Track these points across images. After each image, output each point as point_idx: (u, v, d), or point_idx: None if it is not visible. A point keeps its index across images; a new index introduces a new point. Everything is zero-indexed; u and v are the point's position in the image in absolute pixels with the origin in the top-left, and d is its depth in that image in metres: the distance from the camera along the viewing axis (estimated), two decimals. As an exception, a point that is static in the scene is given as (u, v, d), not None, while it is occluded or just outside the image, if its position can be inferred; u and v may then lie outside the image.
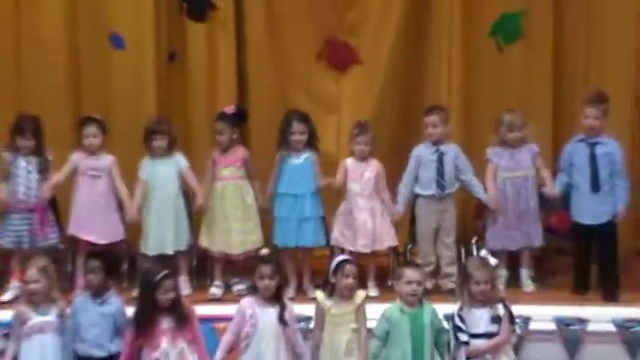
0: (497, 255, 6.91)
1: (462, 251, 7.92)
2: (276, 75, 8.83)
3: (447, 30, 8.63)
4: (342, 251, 7.35)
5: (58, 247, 7.90)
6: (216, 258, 7.99)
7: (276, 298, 6.60)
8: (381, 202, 7.92)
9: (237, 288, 7.88)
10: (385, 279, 7.92)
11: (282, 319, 6.53)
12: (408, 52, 8.78)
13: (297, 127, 7.86)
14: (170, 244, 7.83)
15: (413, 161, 7.94)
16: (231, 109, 8.17)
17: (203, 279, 8.10)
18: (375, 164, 7.90)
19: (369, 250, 7.84)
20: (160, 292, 6.41)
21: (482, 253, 6.78)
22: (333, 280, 6.60)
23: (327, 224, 8.03)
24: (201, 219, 8.03)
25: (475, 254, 6.96)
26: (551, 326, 7.35)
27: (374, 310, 6.66)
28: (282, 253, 7.72)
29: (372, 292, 7.64)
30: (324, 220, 7.99)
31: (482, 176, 7.98)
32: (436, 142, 7.91)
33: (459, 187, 7.96)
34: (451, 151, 7.92)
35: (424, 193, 7.88)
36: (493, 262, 6.66)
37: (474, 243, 7.86)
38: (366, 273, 7.74)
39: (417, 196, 7.95)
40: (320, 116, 8.42)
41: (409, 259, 7.98)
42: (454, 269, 7.74)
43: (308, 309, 6.91)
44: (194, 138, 8.68)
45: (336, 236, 7.87)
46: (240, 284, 7.86)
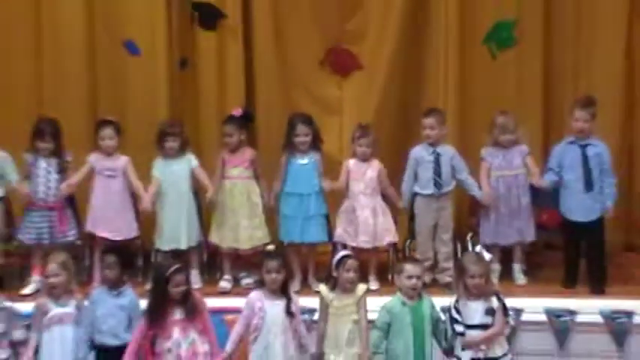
0: (490, 250, 6.90)
1: (457, 247, 7.92)
2: (282, 80, 8.83)
3: (444, 38, 8.64)
4: (345, 247, 7.35)
5: (76, 243, 7.94)
6: (226, 253, 8.01)
7: (283, 291, 6.59)
8: (388, 196, 7.97)
9: (246, 282, 7.90)
10: (385, 273, 7.92)
11: (289, 311, 6.53)
12: (406, 59, 8.79)
13: (302, 129, 7.88)
14: (184, 239, 7.86)
15: (411, 162, 7.95)
16: (239, 112, 8.20)
17: (213, 273, 8.12)
18: (377, 164, 7.91)
19: (370, 246, 7.85)
20: (172, 285, 6.41)
21: (478, 248, 6.74)
22: (335, 274, 6.58)
23: (329, 222, 8.02)
24: (211, 216, 8.04)
25: (470, 250, 6.93)
26: (542, 317, 7.38)
27: (374, 303, 6.64)
28: (287, 248, 7.73)
29: (373, 285, 7.64)
30: (327, 218, 8.00)
31: (476, 175, 7.99)
32: (433, 144, 7.91)
33: (455, 186, 7.97)
34: (447, 152, 7.93)
35: (423, 192, 7.88)
36: (487, 257, 6.63)
37: (469, 239, 7.88)
38: (367, 267, 7.73)
39: (415, 195, 7.94)
40: (323, 119, 8.44)
41: (408, 254, 7.95)
42: (451, 264, 7.76)
43: (312, 301, 6.91)
44: (204, 139, 8.68)
45: (340, 233, 7.86)
46: (248, 278, 7.87)
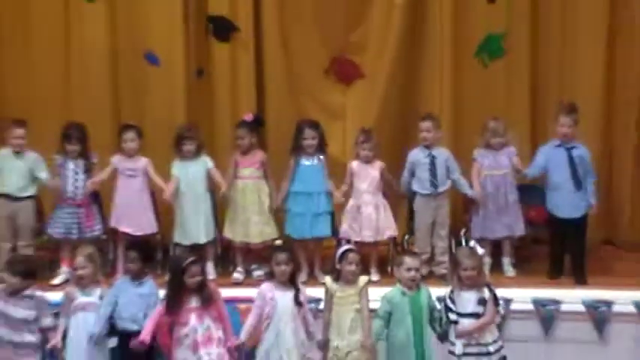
0: (481, 244, 6.88)
1: (452, 242, 7.87)
2: (290, 87, 8.81)
3: (439, 49, 8.64)
4: (348, 242, 7.26)
5: (101, 238, 7.95)
6: (238, 247, 8.01)
7: (291, 282, 6.61)
8: (391, 186, 8.00)
9: (257, 273, 7.93)
10: (385, 266, 7.92)
11: (297, 300, 6.54)
12: (405, 68, 8.77)
13: (309, 133, 7.90)
14: (202, 234, 7.85)
15: (408, 164, 7.96)
16: (250, 117, 8.21)
17: (227, 266, 8.12)
18: (378, 163, 7.92)
19: (373, 240, 7.86)
20: (188, 276, 6.42)
21: (472, 243, 6.75)
22: (338, 267, 6.60)
23: (334, 218, 8.02)
24: (225, 213, 8.04)
25: (463, 244, 6.96)
26: (530, 307, 7.41)
27: (375, 293, 6.64)
28: (294, 243, 7.70)
29: (374, 277, 7.63)
30: (332, 215, 8.00)
31: (467, 175, 8.00)
32: (429, 146, 7.92)
33: (450, 185, 7.97)
34: (442, 154, 7.93)
35: (421, 191, 7.89)
36: (480, 251, 6.67)
37: (462, 234, 7.82)
38: (369, 260, 7.74)
39: (415, 194, 7.94)
40: (328, 123, 8.41)
41: (407, 248, 7.94)
42: (446, 258, 7.77)
43: (318, 292, 6.91)
44: (218, 142, 8.63)
45: (346, 229, 7.83)
46: (259, 270, 7.91)
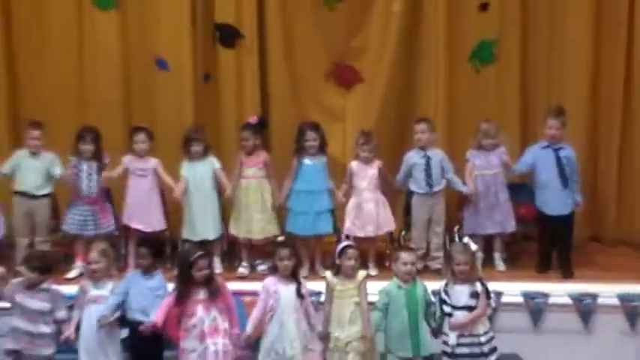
0: (473, 240, 6.83)
1: (446, 238, 7.89)
2: (293, 91, 8.80)
3: (434, 55, 8.64)
4: (347, 238, 7.29)
5: (114, 234, 7.96)
6: (243, 243, 8.02)
7: (293, 276, 6.63)
8: (388, 182, 7.98)
9: (261, 268, 7.93)
10: (383, 261, 7.96)
11: (299, 293, 6.56)
12: (402, 73, 8.77)
13: (311, 134, 7.89)
14: (211, 231, 7.88)
15: (405, 164, 7.95)
16: (255, 119, 8.21)
17: (232, 261, 8.12)
18: (376, 162, 7.90)
19: (375, 235, 7.87)
20: (195, 269, 6.45)
21: (465, 239, 6.75)
22: (338, 262, 6.62)
23: (335, 216, 8.03)
24: (230, 211, 8.03)
25: (457, 240, 6.98)
26: (519, 299, 7.44)
27: (374, 287, 6.67)
28: (296, 239, 7.60)
29: (372, 271, 7.65)
30: (333, 213, 8.00)
31: (460, 174, 8.00)
32: (424, 147, 7.91)
33: (445, 185, 7.96)
34: (437, 155, 7.92)
35: (418, 191, 7.88)
36: (474, 247, 6.66)
37: (456, 231, 7.88)
38: (367, 256, 7.74)
39: (412, 193, 7.93)
40: (329, 125, 8.39)
41: (403, 244, 7.96)
42: (441, 253, 7.80)
43: (319, 285, 6.93)
44: (224, 144, 8.63)
45: (349, 226, 7.80)
46: (263, 265, 7.90)
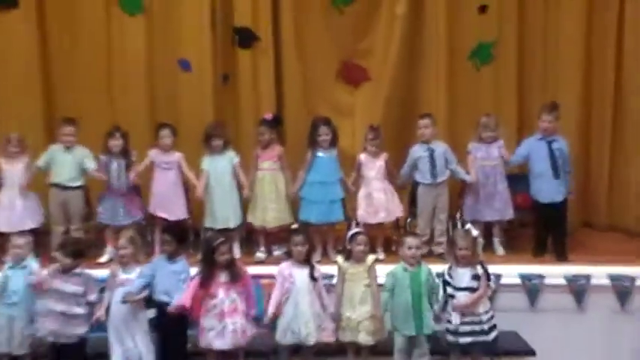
0: (474, 226, 6.89)
1: (449, 225, 7.92)
2: (305, 89, 8.84)
3: (436, 55, 8.69)
4: (357, 224, 7.26)
5: (141, 223, 8.01)
6: (259, 231, 8.07)
7: (307, 260, 6.70)
8: (392, 176, 7.98)
9: (277, 253, 7.97)
10: (390, 246, 7.98)
11: (312, 276, 6.64)
12: (406, 72, 8.80)
13: (323, 129, 7.92)
14: (231, 220, 7.92)
15: (410, 158, 7.98)
16: (270, 115, 8.26)
17: (251, 247, 8.15)
18: (383, 155, 7.94)
19: (386, 221, 7.92)
20: (218, 254, 6.54)
21: (467, 226, 6.82)
22: (349, 247, 6.71)
23: (345, 204, 8.03)
24: (248, 202, 8.07)
25: (459, 226, 7.01)
26: (517, 281, 7.49)
27: (382, 270, 6.73)
28: (309, 226, 7.64)
29: (380, 256, 7.66)
30: (344, 201, 8.01)
31: (461, 165, 8.00)
32: (427, 141, 7.95)
33: (449, 175, 7.96)
34: (440, 148, 7.95)
35: (423, 181, 7.91)
36: (475, 233, 6.71)
37: (458, 218, 7.92)
38: (375, 241, 7.75)
39: (418, 184, 7.96)
40: (339, 121, 8.36)
41: (409, 230, 7.94)
42: (444, 238, 7.82)
43: (331, 269, 6.96)
44: (242, 139, 8.63)
45: (361, 214, 7.85)
46: (279, 250, 7.94)
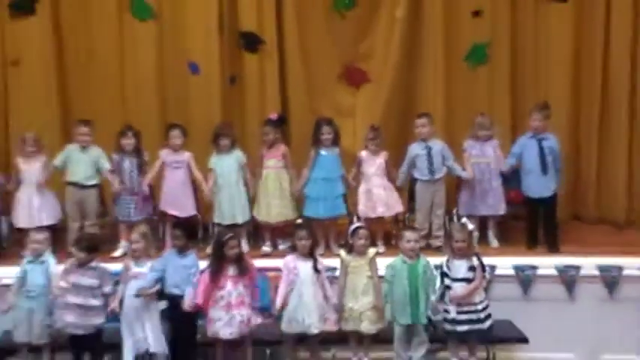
0: (469, 220, 6.95)
1: (446, 219, 7.91)
2: (308, 91, 8.87)
3: (433, 57, 8.72)
4: (359, 219, 7.30)
5: (153, 219, 8.05)
6: (265, 226, 8.12)
7: (311, 254, 6.75)
8: (391, 176, 8.00)
9: (282, 247, 8.00)
10: (390, 240, 8.00)
11: (316, 269, 6.69)
12: (404, 74, 8.82)
13: (326, 129, 7.96)
14: (239, 216, 7.96)
15: (408, 155, 8.01)
16: (275, 116, 8.30)
17: (257, 241, 8.20)
18: (384, 153, 7.98)
19: (385, 215, 7.95)
20: (227, 249, 6.60)
21: (463, 220, 6.88)
22: (350, 241, 6.76)
23: (347, 200, 8.04)
24: (255, 197, 8.09)
25: (456, 221, 7.04)
26: (511, 272, 7.52)
27: (382, 262, 6.79)
28: (312, 221, 7.60)
29: (381, 249, 7.70)
30: (346, 197, 8.04)
31: (458, 162, 8.01)
32: (425, 139, 7.98)
33: (446, 172, 8.01)
34: (437, 145, 7.99)
35: (421, 178, 7.96)
36: (471, 226, 6.79)
37: (454, 213, 7.90)
38: (376, 235, 7.80)
39: (416, 180, 8.00)
40: (340, 121, 8.40)
41: (408, 224, 7.96)
42: (441, 232, 7.87)
43: (333, 262, 7.00)
44: (248, 138, 8.66)
45: (362, 208, 7.88)
46: (284, 244, 7.96)
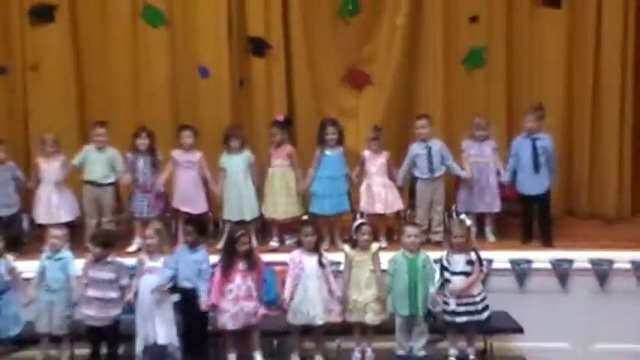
0: (467, 217, 7.01)
1: (445, 215, 7.95)
2: (314, 93, 8.90)
3: (433, 61, 8.75)
4: (362, 215, 7.29)
5: (166, 215, 8.08)
6: (272, 222, 8.15)
7: (316, 249, 6.79)
8: (392, 176, 8.03)
9: (289, 242, 8.04)
10: (392, 235, 8.02)
11: (321, 263, 6.73)
12: (405, 77, 8.85)
13: (331, 129, 8.01)
14: (247, 213, 8.00)
15: (409, 155, 8.07)
16: (281, 117, 8.35)
17: (265, 236, 8.24)
18: (385, 153, 8.04)
19: (384, 212, 7.98)
20: (239, 244, 6.65)
21: (462, 216, 6.93)
22: (354, 237, 6.79)
23: (350, 196, 8.11)
24: (262, 195, 8.15)
25: (455, 217, 7.08)
26: (507, 265, 7.58)
27: (384, 257, 6.83)
28: (317, 218, 7.71)
29: (383, 244, 7.69)
30: (349, 194, 8.11)
31: (456, 161, 8.07)
32: (425, 139, 8.05)
33: (445, 171, 8.06)
34: (436, 145, 8.05)
35: (421, 176, 8.03)
36: (468, 222, 6.84)
37: (453, 209, 7.91)
38: (378, 231, 7.79)
39: (416, 179, 8.06)
40: (344, 122, 8.42)
41: (409, 220, 7.96)
42: (441, 228, 7.95)
43: (337, 257, 7.05)
44: (256, 138, 8.67)
45: (363, 205, 7.94)
46: (291, 240, 7.99)
